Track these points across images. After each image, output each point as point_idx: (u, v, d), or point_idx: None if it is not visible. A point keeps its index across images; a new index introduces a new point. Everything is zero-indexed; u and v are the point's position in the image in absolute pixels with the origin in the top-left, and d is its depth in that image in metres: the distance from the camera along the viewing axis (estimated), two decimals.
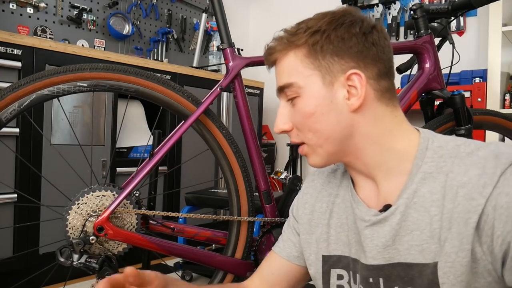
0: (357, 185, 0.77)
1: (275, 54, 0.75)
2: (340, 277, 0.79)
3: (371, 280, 0.72)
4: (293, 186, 1.35)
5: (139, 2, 2.89)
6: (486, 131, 1.99)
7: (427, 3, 2.66)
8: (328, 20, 0.71)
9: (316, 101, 0.70)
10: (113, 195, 1.05)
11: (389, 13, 2.87)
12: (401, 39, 2.84)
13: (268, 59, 0.77)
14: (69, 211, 1.02)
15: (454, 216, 0.63)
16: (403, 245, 0.68)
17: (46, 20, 2.43)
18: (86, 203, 1.03)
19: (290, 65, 0.73)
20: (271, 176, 1.66)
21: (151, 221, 1.18)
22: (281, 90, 0.74)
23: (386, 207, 0.70)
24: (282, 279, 0.88)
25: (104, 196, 1.05)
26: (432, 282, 0.65)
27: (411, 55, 1.38)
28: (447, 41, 1.40)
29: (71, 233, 1.02)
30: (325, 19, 0.71)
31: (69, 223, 1.01)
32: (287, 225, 0.92)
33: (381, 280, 0.71)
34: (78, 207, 1.02)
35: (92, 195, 1.04)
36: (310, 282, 0.92)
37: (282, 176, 1.45)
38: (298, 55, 0.72)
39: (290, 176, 1.42)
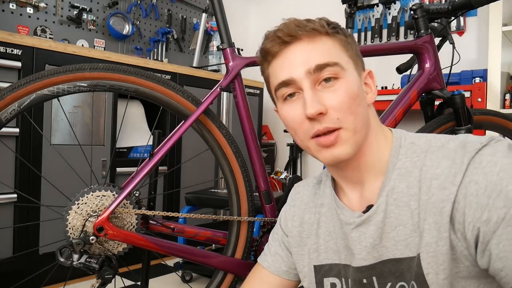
0: (340, 193, 0.79)
1: (307, 32, 0.71)
2: (333, 285, 0.80)
3: (365, 281, 0.73)
4: (293, 186, 1.35)
5: (139, 2, 2.89)
6: (486, 131, 1.99)
7: (427, 3, 2.66)
8: (337, 23, 0.75)
9: (357, 86, 0.71)
10: (113, 195, 1.05)
11: (389, 13, 2.87)
12: (401, 39, 2.84)
13: (294, 32, 0.71)
14: (69, 211, 1.02)
15: (429, 207, 0.65)
16: (389, 241, 0.70)
17: (46, 20, 2.43)
18: (86, 203, 1.03)
19: (329, 47, 0.71)
20: (271, 176, 1.66)
21: (151, 221, 1.18)
22: (320, 67, 0.69)
23: (369, 207, 0.72)
24: None
25: (104, 196, 1.05)
26: (418, 273, 0.67)
27: (411, 55, 1.38)
28: (447, 41, 1.40)
29: (71, 233, 1.02)
30: (334, 22, 0.75)
31: (69, 223, 1.01)
32: (274, 238, 0.91)
33: (374, 278, 0.73)
34: (78, 207, 1.02)
35: (92, 195, 1.04)
36: None
37: (282, 176, 1.45)
38: (336, 41, 0.72)
39: (290, 176, 1.41)
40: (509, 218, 0.58)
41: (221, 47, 1.24)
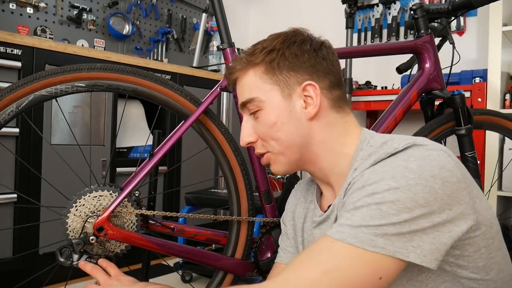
0: (323, 191, 0.85)
1: (235, 73, 0.82)
2: None
3: None
4: (291, 185, 1.34)
5: (139, 2, 2.89)
6: (486, 131, 1.99)
7: (427, 3, 2.66)
8: (281, 40, 0.79)
9: (277, 112, 0.77)
10: (110, 194, 1.05)
11: (389, 13, 2.87)
12: (401, 39, 2.84)
13: (229, 78, 0.84)
14: (69, 210, 1.01)
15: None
16: None
17: (46, 20, 2.43)
18: (84, 205, 1.02)
19: (250, 82, 0.80)
20: (269, 175, 1.66)
21: (151, 221, 1.18)
22: (244, 105, 0.81)
23: (329, 207, 0.78)
24: None
25: (102, 196, 1.04)
26: None
27: (411, 55, 1.38)
28: (447, 41, 1.39)
29: (70, 233, 1.01)
30: (279, 39, 0.79)
31: (69, 225, 1.01)
32: (282, 234, 0.98)
33: None
34: (77, 209, 1.02)
35: (89, 196, 1.03)
36: None
37: (279, 175, 1.45)
38: (257, 72, 0.79)
39: (288, 175, 1.41)
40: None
41: (221, 47, 1.24)
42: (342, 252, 0.59)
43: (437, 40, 1.37)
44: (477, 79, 2.27)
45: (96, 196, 1.04)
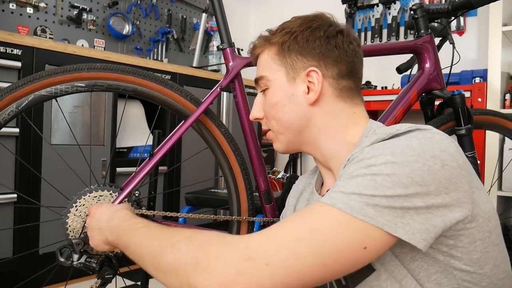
0: (323, 177, 0.86)
1: (255, 50, 0.86)
2: None
3: None
4: (291, 185, 1.35)
5: (139, 2, 2.89)
6: (486, 131, 1.99)
7: (427, 3, 2.66)
8: (299, 23, 0.81)
9: (281, 93, 0.80)
10: (110, 194, 1.05)
11: (389, 13, 2.87)
12: (401, 39, 2.84)
13: (251, 54, 0.88)
14: (69, 210, 1.01)
15: None
16: None
17: (46, 20, 2.43)
18: (84, 205, 1.02)
19: (264, 61, 0.84)
20: (269, 175, 1.66)
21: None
22: (256, 81, 0.85)
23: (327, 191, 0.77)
24: None
25: (102, 196, 1.04)
26: None
27: (411, 55, 1.38)
28: (447, 41, 1.39)
29: (70, 233, 1.01)
30: (298, 22, 0.82)
31: (69, 225, 1.01)
32: None
33: None
34: (77, 209, 1.02)
35: (89, 196, 1.03)
36: None
37: (279, 176, 1.45)
38: (270, 52, 0.82)
39: (287, 175, 1.41)
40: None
41: (221, 47, 1.24)
42: (331, 215, 0.58)
43: (437, 40, 1.37)
44: (477, 79, 2.27)
45: (96, 196, 1.04)
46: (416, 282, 0.65)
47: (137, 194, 1.13)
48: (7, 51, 1.71)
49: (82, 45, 2.54)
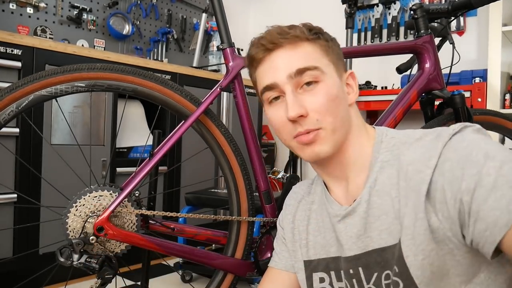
0: (330, 188, 0.83)
1: (290, 38, 0.75)
2: (321, 280, 0.83)
3: (351, 271, 0.77)
4: (291, 185, 1.35)
5: (139, 2, 2.89)
6: (486, 131, 1.99)
7: (427, 3, 2.66)
8: (319, 28, 0.79)
9: (337, 88, 0.76)
10: (110, 194, 1.05)
11: (389, 13, 2.87)
12: (401, 39, 2.84)
13: (285, 37, 0.75)
14: (69, 210, 1.01)
15: (408, 192, 0.68)
16: (373, 231, 0.73)
17: (46, 20, 2.43)
18: (84, 205, 1.02)
19: (309, 52, 0.75)
20: (269, 175, 1.66)
21: (151, 221, 1.18)
22: (300, 72, 0.73)
23: (355, 200, 0.76)
24: None
25: (101, 196, 1.05)
26: (399, 258, 0.69)
27: (411, 55, 1.38)
28: (447, 41, 1.39)
29: (70, 233, 1.01)
30: (316, 27, 0.79)
31: (69, 226, 1.01)
32: (278, 237, 0.96)
33: (360, 269, 0.75)
34: (76, 210, 1.02)
35: (89, 196, 1.03)
36: None
37: (279, 176, 1.45)
38: (316, 46, 0.77)
39: (287, 175, 1.41)
40: (482, 179, 0.60)
41: (221, 47, 1.24)
42: None
43: (437, 40, 1.37)
44: (477, 79, 2.27)
45: (96, 196, 1.04)
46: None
47: (137, 194, 1.13)
48: (7, 51, 1.71)
49: (82, 45, 2.54)
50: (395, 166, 0.72)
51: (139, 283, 1.72)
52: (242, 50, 2.40)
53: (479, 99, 2.19)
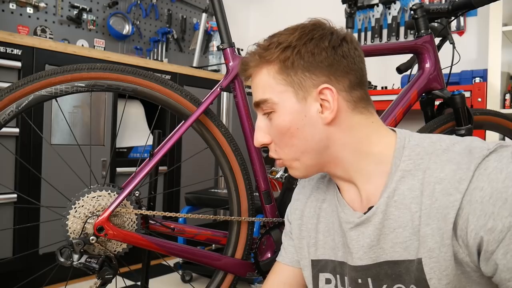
0: (342, 190, 0.79)
1: (249, 70, 0.76)
2: (328, 281, 0.81)
3: (360, 281, 0.74)
4: (289, 184, 1.35)
5: (139, 2, 2.89)
6: (486, 131, 1.99)
7: (427, 3, 2.66)
8: (298, 35, 0.71)
9: (291, 116, 0.72)
10: (108, 194, 1.05)
11: (389, 13, 2.87)
12: (401, 39, 2.84)
13: (243, 74, 0.78)
14: (68, 214, 1.01)
15: (433, 212, 0.64)
16: (387, 243, 0.70)
17: (46, 20, 2.43)
18: (83, 206, 1.02)
19: (263, 81, 0.74)
20: (269, 175, 1.65)
21: (151, 221, 1.18)
22: (257, 105, 0.76)
23: (370, 208, 0.72)
24: (292, 285, 0.90)
25: (100, 196, 1.04)
26: (419, 277, 0.66)
27: (411, 55, 1.38)
28: (447, 41, 1.39)
29: (70, 233, 1.01)
30: (295, 34, 0.72)
31: (69, 227, 1.01)
32: (285, 233, 0.94)
33: (369, 280, 0.73)
34: (76, 210, 1.02)
35: (87, 197, 1.03)
36: None
37: (278, 175, 1.45)
38: (270, 71, 0.73)
39: (286, 174, 1.41)
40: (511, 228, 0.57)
41: (221, 47, 1.24)
42: None
43: (437, 40, 1.37)
44: (477, 79, 2.27)
45: (95, 197, 1.04)
46: None
47: (137, 194, 1.13)
48: (7, 51, 1.71)
49: (82, 45, 2.54)
50: (418, 178, 0.67)
51: (139, 283, 1.72)
52: (242, 50, 2.40)
53: (479, 99, 2.19)
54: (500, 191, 0.59)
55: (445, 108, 1.34)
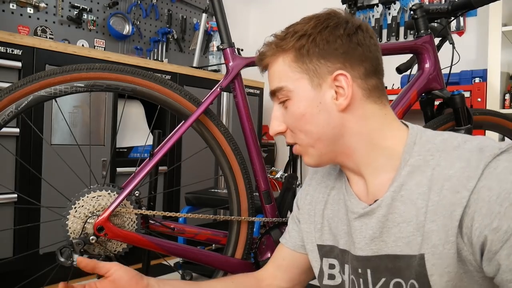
0: (351, 181, 0.80)
1: (265, 59, 0.78)
2: (332, 266, 0.83)
3: (360, 270, 0.75)
4: (289, 184, 1.35)
5: (139, 2, 2.89)
6: (486, 131, 1.99)
7: (427, 3, 2.66)
8: (313, 24, 0.73)
9: (306, 103, 0.73)
10: (108, 194, 1.05)
11: (389, 13, 2.87)
12: (401, 39, 2.84)
13: (260, 64, 0.80)
14: (68, 212, 1.02)
15: (439, 209, 0.64)
16: (390, 237, 0.70)
17: (46, 20, 2.43)
18: (83, 206, 1.02)
19: (279, 70, 0.76)
20: (269, 175, 1.66)
21: (151, 221, 1.18)
22: (273, 93, 0.78)
23: (376, 201, 0.73)
24: (293, 265, 0.92)
25: (100, 196, 1.05)
26: (420, 273, 0.67)
27: (411, 55, 1.38)
28: (447, 41, 1.39)
29: (71, 233, 1.02)
30: (311, 23, 0.74)
31: (69, 227, 1.01)
32: (292, 216, 0.95)
33: (368, 271, 0.74)
34: (76, 211, 1.02)
35: (87, 197, 1.04)
36: (311, 282, 0.94)
37: (278, 175, 1.45)
38: (286, 60, 0.75)
39: (286, 174, 1.41)
40: None
41: (221, 47, 1.24)
42: None
43: (437, 40, 1.37)
44: (477, 79, 2.27)
45: (95, 197, 1.04)
46: None
47: (137, 194, 1.13)
48: (8, 51, 1.71)
49: (82, 45, 2.54)
50: (426, 175, 0.67)
51: None
52: (242, 50, 2.40)
53: (479, 99, 2.19)
54: (509, 191, 0.58)
55: (444, 108, 1.34)
